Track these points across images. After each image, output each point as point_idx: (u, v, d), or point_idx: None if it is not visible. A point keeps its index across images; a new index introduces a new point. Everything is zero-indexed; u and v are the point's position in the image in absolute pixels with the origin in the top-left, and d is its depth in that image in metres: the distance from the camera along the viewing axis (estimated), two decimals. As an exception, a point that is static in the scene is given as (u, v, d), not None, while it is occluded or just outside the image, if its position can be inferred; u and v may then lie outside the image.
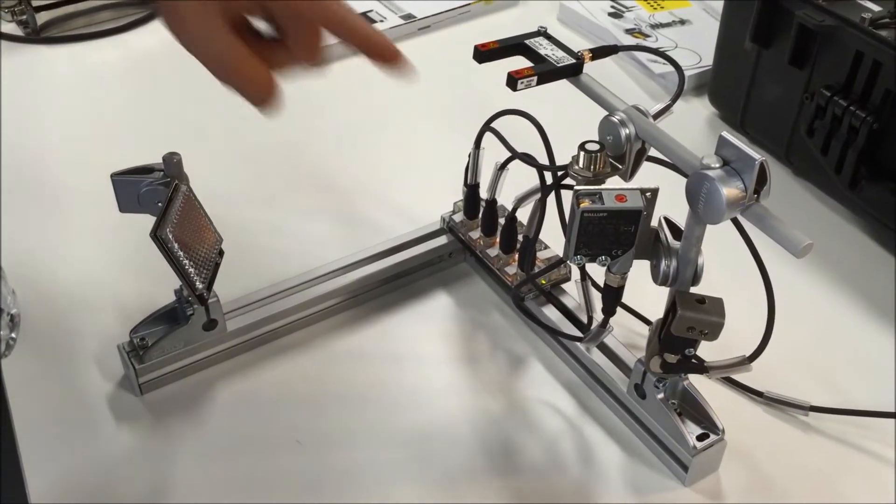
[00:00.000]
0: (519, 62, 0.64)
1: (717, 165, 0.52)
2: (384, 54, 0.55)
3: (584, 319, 0.68)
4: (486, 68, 0.66)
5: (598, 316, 0.65)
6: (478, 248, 0.76)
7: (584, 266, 0.61)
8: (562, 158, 0.62)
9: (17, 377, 0.68)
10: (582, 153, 0.59)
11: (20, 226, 0.82)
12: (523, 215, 0.70)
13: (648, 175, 0.60)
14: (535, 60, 0.65)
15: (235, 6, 0.51)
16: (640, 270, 0.60)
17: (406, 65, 0.55)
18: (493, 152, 0.69)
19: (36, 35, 1.09)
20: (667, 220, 0.59)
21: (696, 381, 0.63)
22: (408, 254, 0.76)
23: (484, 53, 0.65)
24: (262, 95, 0.54)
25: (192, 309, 0.66)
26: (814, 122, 0.83)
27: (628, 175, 0.61)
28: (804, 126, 0.84)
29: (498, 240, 0.75)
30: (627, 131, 0.59)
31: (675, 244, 0.58)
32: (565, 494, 0.62)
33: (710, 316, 0.56)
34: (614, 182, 0.60)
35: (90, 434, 0.65)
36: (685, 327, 0.56)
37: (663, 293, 0.60)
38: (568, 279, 0.73)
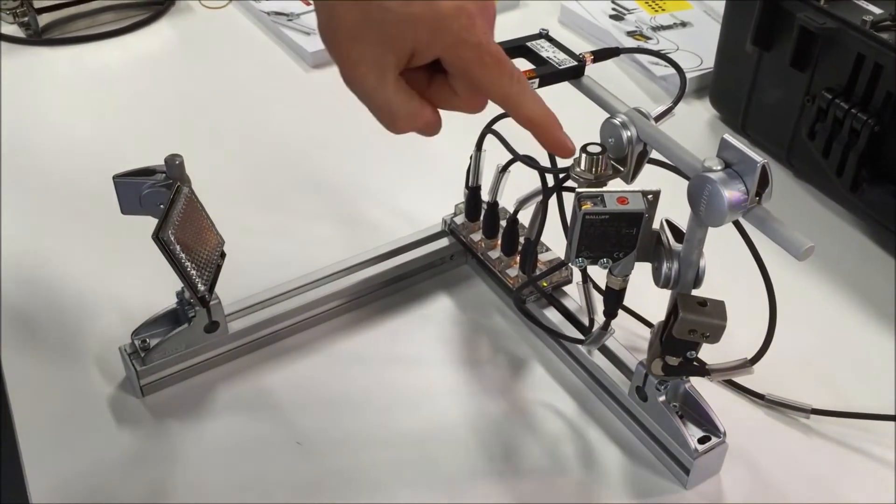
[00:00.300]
0: (520, 64, 0.64)
1: (719, 168, 0.52)
2: (555, 148, 0.54)
3: (586, 322, 0.68)
4: (487, 71, 0.66)
5: (600, 318, 0.65)
6: (479, 251, 0.76)
7: (585, 268, 0.61)
8: (563, 161, 0.62)
9: (18, 378, 0.68)
10: (583, 155, 0.59)
11: (22, 227, 0.82)
12: (525, 218, 0.70)
13: (650, 177, 0.60)
14: (536, 63, 0.65)
15: (414, 59, 0.50)
16: (641, 273, 0.60)
17: (571, 152, 0.54)
18: (494, 154, 0.70)
19: (37, 37, 1.09)
20: (668, 222, 0.59)
21: (698, 383, 0.63)
22: (409, 256, 0.76)
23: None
24: (423, 133, 0.54)
25: (193, 311, 0.66)
26: (815, 124, 0.83)
27: (630, 177, 0.61)
28: (805, 129, 0.84)
29: (499, 242, 0.75)
30: (629, 134, 0.59)
31: (677, 247, 0.58)
32: (566, 497, 0.62)
33: (711, 318, 0.56)
34: (616, 184, 0.60)
35: (91, 436, 0.65)
36: (687, 330, 0.56)
37: (665, 296, 0.60)
38: (569, 281, 0.74)
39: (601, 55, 0.66)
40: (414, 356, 0.72)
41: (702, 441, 0.62)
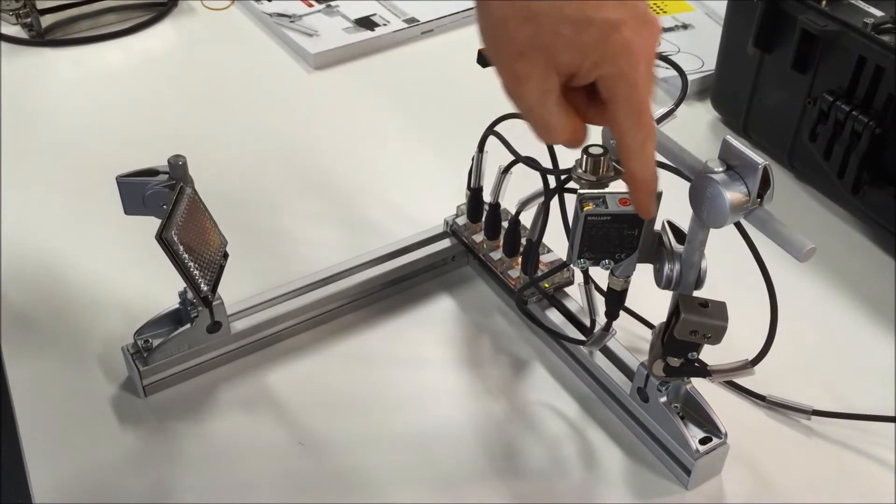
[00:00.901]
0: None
1: (721, 170, 0.52)
2: (638, 207, 0.55)
3: (587, 323, 0.69)
4: (489, 72, 0.66)
5: (601, 319, 0.65)
6: (481, 252, 0.76)
7: (587, 270, 0.61)
8: (565, 162, 0.63)
9: (21, 378, 0.69)
10: (585, 157, 0.59)
11: (24, 227, 0.82)
12: (526, 219, 0.70)
13: (652, 179, 0.61)
14: (538, 64, 0.65)
15: (574, 80, 0.51)
16: (643, 274, 0.60)
17: (649, 216, 0.56)
18: (496, 156, 0.70)
19: (40, 38, 1.10)
20: (670, 223, 0.59)
21: (699, 384, 0.63)
22: (411, 257, 0.76)
23: (488, 57, 0.65)
24: (570, 146, 0.55)
25: (196, 311, 0.66)
26: (816, 126, 0.83)
27: (631, 179, 0.61)
28: (807, 131, 0.84)
29: (501, 243, 0.75)
30: (631, 135, 0.59)
31: (679, 248, 0.58)
32: (567, 498, 0.62)
33: (712, 320, 0.56)
34: (618, 186, 0.60)
35: (94, 436, 0.65)
36: (688, 331, 0.56)
37: (666, 297, 0.60)
38: (571, 283, 0.74)
39: (603, 57, 0.66)
40: (415, 357, 0.72)
41: (703, 442, 0.62)
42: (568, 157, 0.62)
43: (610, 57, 0.49)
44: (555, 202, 0.66)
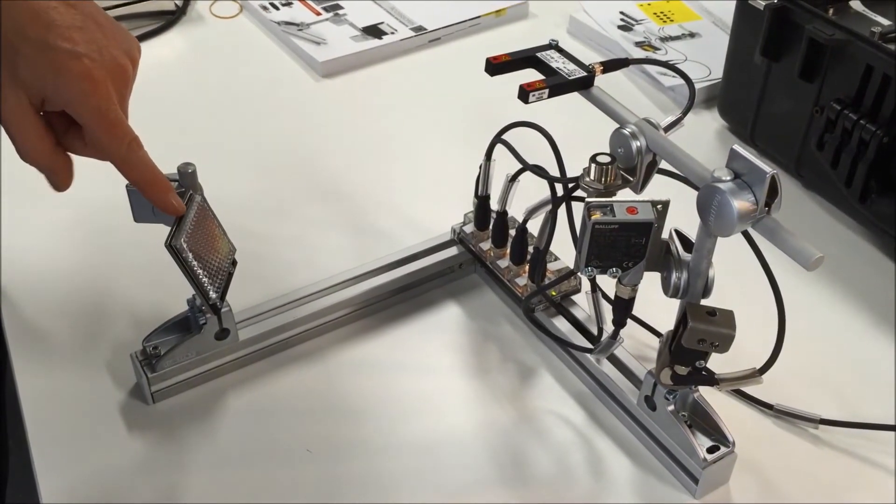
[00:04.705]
0: (530, 75, 0.65)
1: (728, 178, 0.52)
2: (162, 209, 0.61)
3: (595, 331, 0.68)
4: (497, 81, 0.67)
5: (609, 327, 0.65)
6: (488, 260, 0.76)
7: (594, 278, 0.61)
8: (573, 170, 0.63)
9: (30, 384, 0.69)
10: (593, 165, 0.59)
11: (31, 235, 0.82)
12: (534, 227, 0.70)
13: (659, 187, 0.61)
14: (546, 73, 0.65)
15: (46, 104, 0.55)
16: (650, 282, 0.60)
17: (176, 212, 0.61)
18: (504, 164, 0.70)
19: (50, 46, 1.10)
20: (678, 232, 0.59)
21: (707, 393, 0.63)
22: (418, 265, 0.77)
23: (496, 66, 0.66)
24: (55, 182, 0.60)
25: (204, 318, 0.66)
26: (824, 135, 0.83)
27: (639, 187, 0.61)
28: (814, 139, 0.84)
29: (508, 251, 0.75)
30: (638, 144, 0.59)
31: (686, 256, 0.58)
32: (575, 506, 0.62)
33: (720, 328, 0.56)
34: (625, 194, 0.60)
35: (102, 442, 0.65)
36: (696, 339, 0.56)
37: (674, 305, 0.60)
38: (578, 291, 0.74)
39: (610, 66, 0.66)
40: (423, 364, 0.72)
41: (710, 450, 0.62)
42: (576, 165, 0.62)
43: (66, 86, 0.53)
44: (562, 210, 0.66)
